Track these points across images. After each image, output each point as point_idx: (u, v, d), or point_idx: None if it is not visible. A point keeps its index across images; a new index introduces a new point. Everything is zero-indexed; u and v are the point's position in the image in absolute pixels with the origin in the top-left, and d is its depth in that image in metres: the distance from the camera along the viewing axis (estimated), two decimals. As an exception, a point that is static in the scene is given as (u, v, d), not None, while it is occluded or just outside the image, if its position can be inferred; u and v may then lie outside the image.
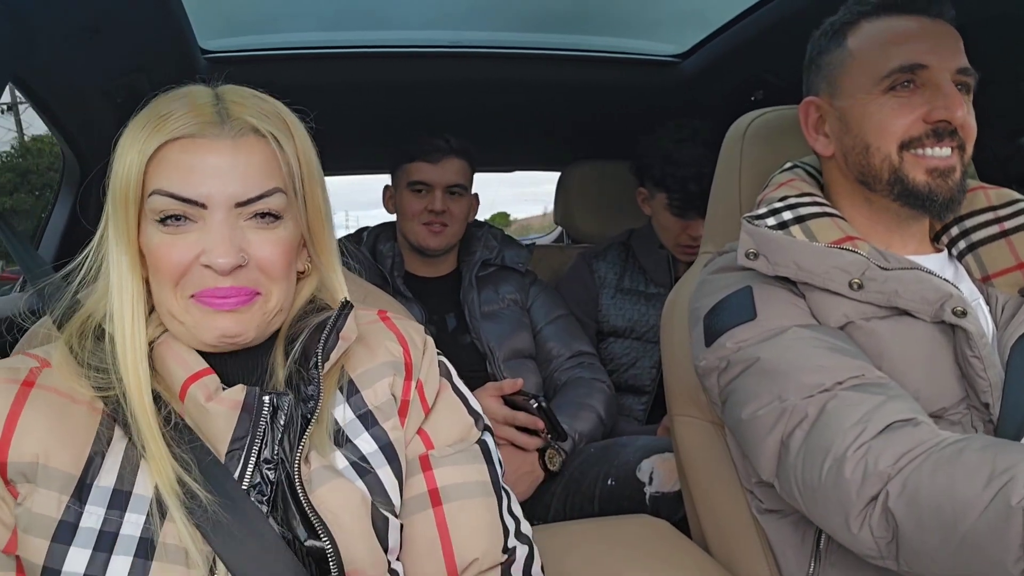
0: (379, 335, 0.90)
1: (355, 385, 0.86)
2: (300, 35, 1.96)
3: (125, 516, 0.73)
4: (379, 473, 0.81)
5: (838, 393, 0.90)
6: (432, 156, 1.88)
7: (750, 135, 1.26)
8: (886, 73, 1.02)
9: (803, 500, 0.91)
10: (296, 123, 0.84)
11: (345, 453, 0.81)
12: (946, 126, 1.00)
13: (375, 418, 0.84)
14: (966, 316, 0.96)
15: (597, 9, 1.97)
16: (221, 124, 0.78)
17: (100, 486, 0.74)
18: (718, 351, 1.03)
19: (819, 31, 1.13)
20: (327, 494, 0.77)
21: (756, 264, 1.03)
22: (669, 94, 2.15)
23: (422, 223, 1.89)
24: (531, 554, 0.89)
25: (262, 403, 0.78)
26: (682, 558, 1.16)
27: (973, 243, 1.10)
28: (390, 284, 1.86)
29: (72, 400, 0.77)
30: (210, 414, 0.77)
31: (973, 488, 0.75)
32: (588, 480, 1.61)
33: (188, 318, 0.78)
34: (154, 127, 0.77)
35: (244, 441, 0.77)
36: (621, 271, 2.08)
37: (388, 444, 0.83)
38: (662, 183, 1.94)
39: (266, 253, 0.78)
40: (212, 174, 0.76)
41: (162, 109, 0.78)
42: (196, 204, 0.76)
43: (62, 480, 0.73)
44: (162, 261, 0.77)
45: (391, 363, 0.88)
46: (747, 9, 1.78)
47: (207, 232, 0.76)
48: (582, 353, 1.93)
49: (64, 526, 0.72)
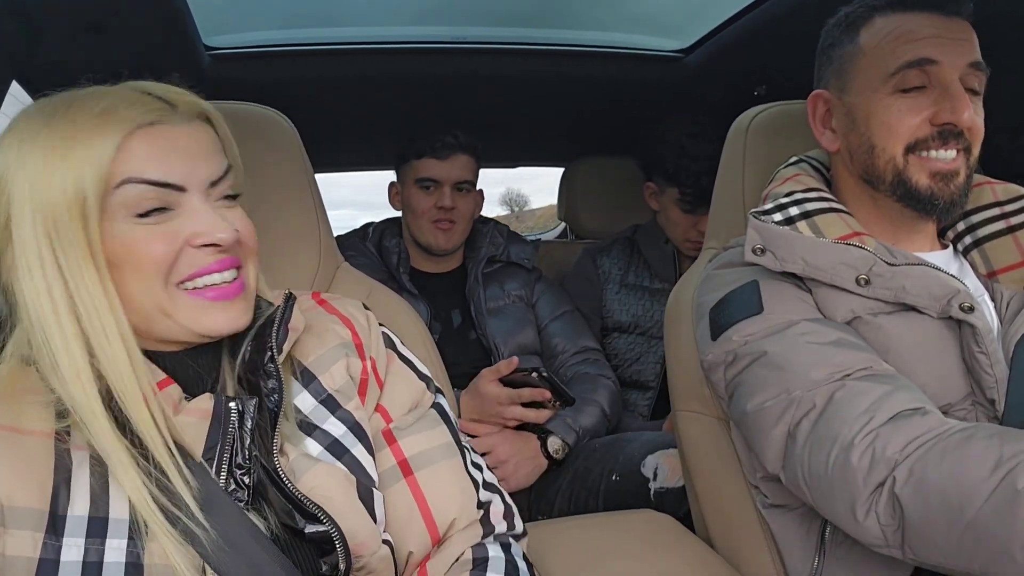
0: (322, 320, 0.91)
1: (310, 372, 0.86)
2: (304, 31, 1.95)
3: (106, 543, 0.70)
4: (353, 452, 0.82)
5: (846, 383, 0.90)
6: (440, 152, 1.88)
7: (753, 130, 1.26)
8: (895, 69, 1.01)
9: (809, 490, 0.91)
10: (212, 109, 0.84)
11: (316, 439, 0.82)
12: (952, 128, 0.99)
13: (337, 401, 0.85)
14: (973, 312, 0.96)
15: (600, 4, 1.97)
16: (172, 111, 0.77)
17: (74, 515, 0.70)
18: (724, 345, 1.03)
19: (833, 20, 1.12)
20: (313, 479, 0.77)
21: (763, 260, 1.03)
22: (672, 89, 2.15)
23: (431, 220, 1.89)
24: (503, 499, 0.93)
25: (229, 410, 0.77)
26: (686, 553, 1.16)
27: (979, 239, 1.10)
28: (396, 280, 1.86)
29: (18, 432, 0.71)
30: (180, 426, 0.74)
31: (980, 474, 0.75)
32: (593, 475, 1.61)
33: (180, 312, 0.75)
34: (101, 122, 0.72)
35: (215, 451, 0.75)
36: (626, 266, 2.08)
37: (355, 424, 0.85)
38: (675, 178, 1.93)
39: (243, 226, 0.80)
40: (183, 157, 0.75)
41: (94, 107, 0.73)
42: (174, 188, 0.74)
43: (32, 517, 0.68)
44: (149, 255, 0.73)
45: (341, 345, 0.89)
46: (750, 4, 1.78)
47: (192, 216, 0.75)
48: (587, 349, 1.93)
49: (45, 564, 0.68)
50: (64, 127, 0.72)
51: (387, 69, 2.02)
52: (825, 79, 1.12)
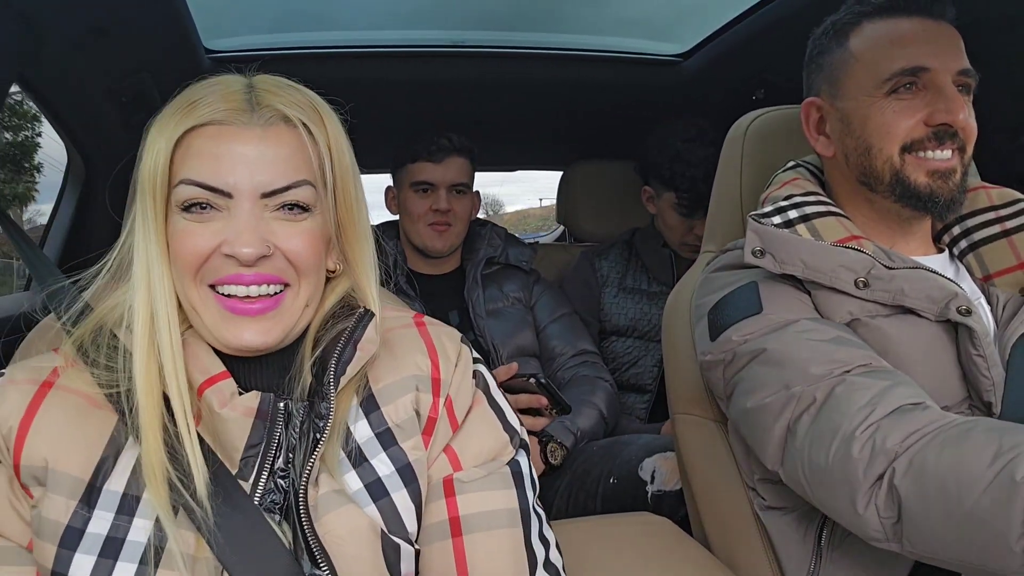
0: (409, 345, 0.85)
1: (375, 400, 0.81)
2: (303, 35, 1.96)
3: (133, 522, 0.71)
4: (394, 497, 0.77)
5: (846, 379, 0.91)
6: (436, 155, 1.88)
7: (751, 134, 1.27)
8: (888, 76, 1.02)
9: (809, 485, 0.91)
10: (330, 114, 0.81)
11: (360, 474, 0.77)
12: (947, 128, 1.00)
13: (394, 437, 0.80)
14: (971, 315, 0.97)
15: (599, 8, 1.97)
16: (251, 112, 0.76)
17: (110, 490, 0.73)
18: (724, 344, 1.04)
19: (820, 29, 1.13)
20: (334, 520, 0.74)
21: (763, 262, 1.03)
22: (671, 93, 2.15)
23: (427, 224, 1.89)
24: None
25: (277, 409, 0.76)
26: (684, 555, 1.17)
27: (975, 242, 1.11)
28: (392, 281, 1.85)
29: (91, 402, 0.75)
30: (224, 420, 0.74)
31: (979, 465, 0.75)
32: (591, 478, 1.61)
33: (207, 314, 0.75)
34: (183, 113, 0.75)
35: (258, 449, 0.75)
36: (624, 269, 2.09)
37: (407, 466, 0.79)
38: (671, 182, 1.93)
39: (293, 244, 0.75)
40: (239, 163, 0.73)
41: (193, 96, 0.76)
42: (222, 193, 0.73)
43: (71, 484, 0.72)
44: (183, 249, 0.74)
45: (416, 377, 0.83)
46: (749, 8, 1.78)
47: (231, 221, 0.73)
48: (585, 351, 1.93)
49: (71, 531, 0.71)
50: (177, 102, 0.77)
51: (385, 73, 2.02)
52: (816, 87, 1.13)
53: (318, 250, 0.78)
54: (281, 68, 2.07)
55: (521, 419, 1.56)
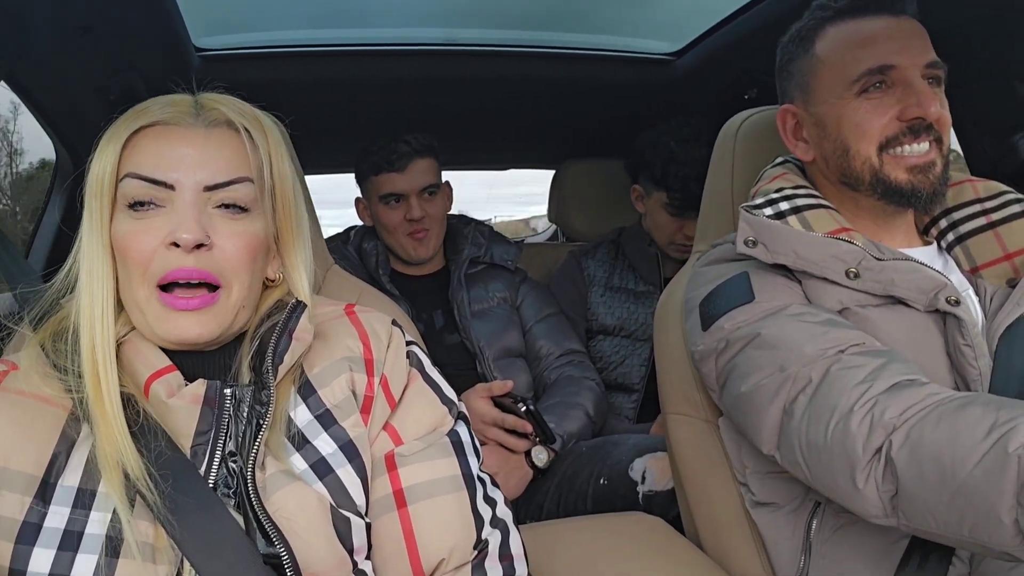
0: (340, 331, 0.89)
1: (312, 385, 0.85)
2: (293, 33, 1.95)
3: (90, 515, 0.73)
4: (339, 472, 0.80)
5: (841, 357, 0.91)
6: (397, 163, 1.82)
7: (743, 134, 1.27)
8: (856, 77, 1.03)
9: (807, 465, 0.91)
10: (272, 125, 0.85)
11: (304, 455, 0.80)
12: (921, 122, 1.01)
13: (334, 417, 0.83)
14: (960, 305, 0.98)
15: (591, 7, 1.97)
16: (196, 115, 0.81)
17: (64, 485, 0.74)
18: (716, 333, 1.04)
19: (786, 37, 1.14)
20: (283, 498, 0.76)
21: (755, 252, 1.04)
22: (663, 92, 2.15)
23: (405, 234, 1.85)
24: (507, 538, 0.87)
25: (224, 396, 0.79)
26: (676, 554, 1.17)
27: (961, 235, 1.12)
28: (377, 282, 1.83)
29: (38, 400, 0.78)
30: (172, 410, 0.77)
31: (973, 438, 0.75)
32: (581, 479, 1.61)
33: (150, 311, 0.78)
34: (133, 118, 0.80)
35: (208, 435, 0.77)
36: (611, 269, 2.08)
37: (348, 443, 0.82)
38: (663, 182, 1.92)
39: (230, 244, 0.79)
40: (183, 159, 0.78)
41: (143, 105, 0.82)
42: (164, 185, 0.77)
43: (24, 481, 0.73)
44: (131, 247, 0.77)
45: (348, 359, 0.87)
46: (741, 7, 1.78)
47: (173, 214, 0.77)
48: (572, 351, 1.92)
49: (27, 527, 0.72)
50: (126, 114, 0.81)
51: (377, 71, 2.01)
52: (789, 94, 1.14)
53: (253, 251, 0.81)
54: (272, 66, 2.07)
55: (504, 438, 1.58)
